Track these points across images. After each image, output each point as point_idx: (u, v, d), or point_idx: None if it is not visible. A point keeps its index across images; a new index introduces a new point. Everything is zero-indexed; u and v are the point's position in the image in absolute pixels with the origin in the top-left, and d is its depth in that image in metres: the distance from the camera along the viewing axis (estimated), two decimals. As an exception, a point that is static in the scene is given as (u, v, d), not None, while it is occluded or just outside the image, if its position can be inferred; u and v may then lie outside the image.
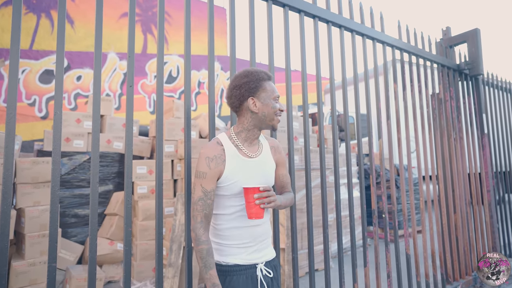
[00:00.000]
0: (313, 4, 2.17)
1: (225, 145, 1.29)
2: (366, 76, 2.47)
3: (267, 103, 1.30)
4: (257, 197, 1.18)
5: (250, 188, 1.19)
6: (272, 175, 1.37)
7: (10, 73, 1.23)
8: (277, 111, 1.31)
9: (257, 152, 1.34)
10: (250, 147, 1.33)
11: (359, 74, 6.69)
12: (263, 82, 1.31)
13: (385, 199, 2.47)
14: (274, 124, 1.32)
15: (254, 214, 1.19)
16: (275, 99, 1.32)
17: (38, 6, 7.85)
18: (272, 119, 1.31)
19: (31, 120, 7.54)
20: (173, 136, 4.11)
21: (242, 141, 1.32)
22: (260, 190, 1.19)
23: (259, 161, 1.32)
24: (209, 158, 1.24)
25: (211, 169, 1.23)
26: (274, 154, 1.42)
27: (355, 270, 2.18)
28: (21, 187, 3.11)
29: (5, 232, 1.19)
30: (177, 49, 9.97)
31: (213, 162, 1.23)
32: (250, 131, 1.32)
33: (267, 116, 1.30)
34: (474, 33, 3.53)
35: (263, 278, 1.29)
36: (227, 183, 1.25)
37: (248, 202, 1.20)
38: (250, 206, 1.19)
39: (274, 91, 1.32)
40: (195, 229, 1.22)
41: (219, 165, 1.24)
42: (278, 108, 1.31)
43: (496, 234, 3.56)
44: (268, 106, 1.29)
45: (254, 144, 1.35)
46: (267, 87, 1.31)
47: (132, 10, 1.55)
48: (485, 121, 3.69)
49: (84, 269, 3.21)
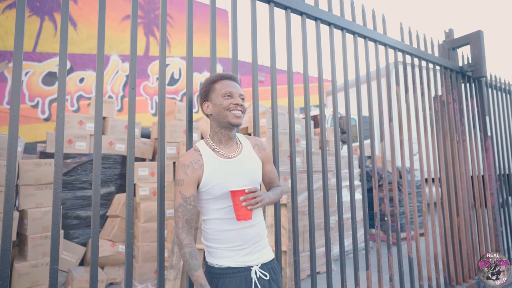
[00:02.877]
0: (315, 6, 2.17)
1: (202, 151, 1.31)
2: (368, 78, 2.47)
3: (215, 102, 1.31)
4: (243, 199, 1.19)
5: (236, 191, 1.20)
6: (258, 173, 1.36)
7: (14, 75, 1.24)
8: (227, 106, 1.29)
9: (235, 152, 1.34)
10: (227, 148, 1.34)
11: (361, 76, 6.68)
12: (213, 84, 1.34)
13: (387, 202, 2.46)
14: (230, 121, 1.29)
15: (242, 216, 1.20)
16: (224, 96, 1.30)
17: (42, 8, 7.90)
18: (225, 115, 1.29)
19: (34, 122, 7.57)
20: (175, 138, 4.12)
21: (218, 144, 1.34)
22: (245, 192, 1.20)
23: (239, 161, 1.32)
24: (185, 165, 1.26)
25: (188, 176, 1.25)
26: (258, 152, 1.42)
27: (357, 273, 2.17)
28: (24, 189, 3.12)
29: (7, 234, 1.19)
30: (179, 51, 10.00)
31: (189, 168, 1.25)
32: (219, 133, 1.34)
33: (219, 114, 1.30)
34: (477, 35, 3.52)
35: (258, 280, 1.28)
36: (208, 186, 1.26)
37: (235, 205, 1.21)
38: (237, 208, 1.20)
39: (223, 89, 1.31)
40: (177, 234, 1.25)
41: (196, 171, 1.26)
42: (227, 104, 1.29)
43: (500, 237, 3.54)
44: (217, 105, 1.31)
45: (231, 144, 1.35)
46: (216, 87, 1.33)
47: (135, 12, 1.55)
48: (488, 124, 3.67)
49: (86, 270, 3.21)
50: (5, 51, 7.29)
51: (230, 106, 1.29)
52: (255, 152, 1.41)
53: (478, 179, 3.43)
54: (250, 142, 1.43)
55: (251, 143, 1.43)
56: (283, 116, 4.04)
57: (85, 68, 8.36)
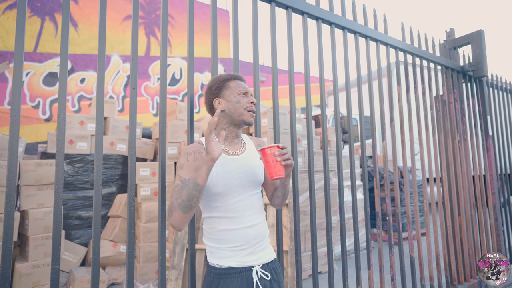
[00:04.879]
0: (316, 6, 2.17)
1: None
2: (369, 78, 2.46)
3: (231, 100, 1.32)
4: (278, 154, 1.17)
5: (267, 147, 1.18)
6: (260, 173, 1.35)
7: (14, 76, 1.24)
8: (245, 105, 1.31)
9: (239, 151, 1.34)
10: (231, 146, 1.34)
11: (362, 76, 6.68)
12: (226, 82, 1.35)
13: (389, 202, 2.45)
14: (245, 119, 1.31)
15: (275, 172, 1.17)
16: (241, 94, 1.32)
17: (42, 9, 7.91)
18: (240, 113, 1.31)
19: (35, 122, 7.58)
20: (176, 138, 4.12)
21: (223, 141, 1.34)
22: (280, 147, 1.19)
23: (242, 159, 1.32)
24: (188, 153, 1.27)
25: (188, 162, 1.25)
26: None
27: (358, 272, 2.16)
28: (25, 189, 3.13)
29: (9, 234, 1.19)
30: (180, 51, 10.01)
31: (191, 156, 1.26)
32: (227, 130, 1.34)
33: (234, 111, 1.31)
34: (478, 34, 3.51)
35: (259, 281, 1.27)
36: (209, 181, 1.24)
37: (268, 162, 1.18)
38: (269, 166, 1.18)
39: (239, 87, 1.33)
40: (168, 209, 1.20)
41: (198, 160, 1.26)
42: (245, 102, 1.31)
43: (501, 236, 3.53)
44: (232, 102, 1.31)
45: (236, 143, 1.36)
46: (230, 85, 1.34)
47: (136, 12, 1.55)
48: (489, 123, 3.66)
49: (87, 271, 3.21)
50: (6, 52, 7.30)
51: (247, 105, 1.32)
52: (258, 152, 1.41)
53: (479, 179, 3.42)
54: (253, 143, 1.44)
55: (254, 143, 1.44)
56: (285, 116, 4.03)
57: (86, 69, 8.37)
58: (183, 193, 1.14)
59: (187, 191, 1.13)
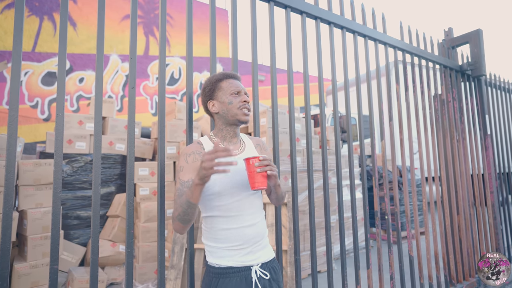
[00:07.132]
0: (314, 5, 2.17)
1: (205, 144, 1.33)
2: (368, 77, 2.47)
3: (224, 101, 1.32)
4: (258, 165, 1.16)
5: (250, 158, 1.18)
6: None
7: (12, 75, 1.24)
8: (237, 104, 1.31)
9: (238, 150, 1.35)
10: (230, 145, 1.35)
11: (361, 75, 6.68)
12: (218, 83, 1.35)
13: (388, 201, 2.46)
14: (239, 118, 1.32)
15: (257, 183, 1.17)
16: (233, 95, 1.32)
17: (41, 8, 7.89)
18: (234, 114, 1.31)
19: (34, 122, 7.57)
20: (175, 137, 4.12)
21: (222, 140, 1.35)
22: (260, 159, 1.18)
23: (241, 158, 1.32)
24: (187, 154, 1.28)
25: (188, 163, 1.26)
26: (260, 152, 1.44)
27: (357, 272, 2.17)
28: (23, 189, 3.12)
29: (7, 234, 1.19)
30: (179, 51, 9.99)
31: (191, 157, 1.27)
32: (224, 130, 1.35)
33: (227, 113, 1.32)
34: (476, 33, 3.52)
35: (258, 280, 1.27)
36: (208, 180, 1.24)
37: (250, 173, 1.18)
38: (251, 176, 1.18)
39: (230, 87, 1.33)
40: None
41: (197, 160, 1.27)
42: (237, 102, 1.32)
43: (500, 235, 3.54)
44: (225, 103, 1.32)
45: (235, 142, 1.37)
46: (222, 86, 1.34)
47: (134, 12, 1.55)
48: (488, 122, 3.67)
49: (86, 271, 3.21)
50: (4, 51, 7.28)
51: (240, 104, 1.32)
52: (257, 152, 1.41)
53: (478, 178, 3.43)
54: (253, 142, 1.45)
55: (253, 143, 1.45)
56: (283, 116, 4.03)
57: (85, 68, 8.35)
58: (180, 207, 1.15)
59: (182, 208, 1.14)
